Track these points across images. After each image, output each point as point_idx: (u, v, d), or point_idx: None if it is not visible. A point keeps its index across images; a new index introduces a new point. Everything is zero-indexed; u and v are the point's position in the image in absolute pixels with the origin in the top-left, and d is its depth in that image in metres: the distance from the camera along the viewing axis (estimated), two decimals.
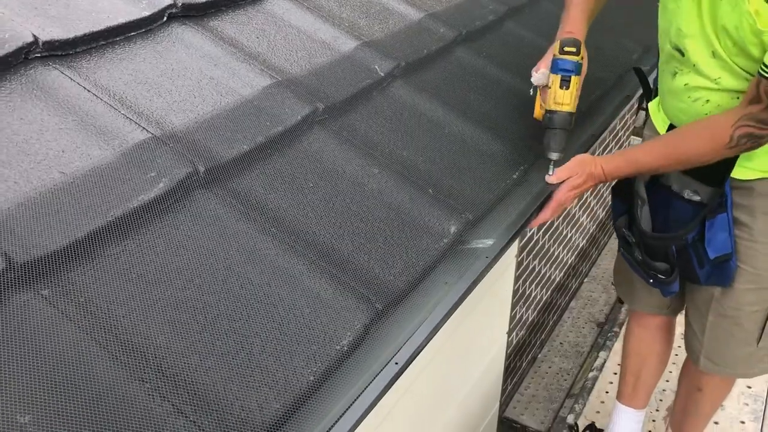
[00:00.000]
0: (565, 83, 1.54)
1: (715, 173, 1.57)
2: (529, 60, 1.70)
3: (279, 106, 1.52)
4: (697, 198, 1.65)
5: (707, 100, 1.52)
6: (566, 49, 1.54)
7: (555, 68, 1.56)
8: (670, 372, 2.26)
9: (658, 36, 1.65)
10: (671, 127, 1.69)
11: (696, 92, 1.53)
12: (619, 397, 2.31)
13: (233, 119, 1.45)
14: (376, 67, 1.76)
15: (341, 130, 1.56)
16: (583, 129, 1.91)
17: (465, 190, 1.54)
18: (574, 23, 1.65)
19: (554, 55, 1.57)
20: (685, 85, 1.55)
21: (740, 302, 1.71)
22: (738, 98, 1.47)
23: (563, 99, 1.55)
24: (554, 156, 1.58)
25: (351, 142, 1.54)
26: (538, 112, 1.73)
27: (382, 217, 1.40)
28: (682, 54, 1.52)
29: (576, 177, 1.56)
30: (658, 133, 1.76)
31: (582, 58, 1.57)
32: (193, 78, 1.52)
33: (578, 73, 1.56)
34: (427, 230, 1.41)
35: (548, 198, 1.57)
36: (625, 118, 3.65)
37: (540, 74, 1.61)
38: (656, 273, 1.72)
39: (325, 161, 1.47)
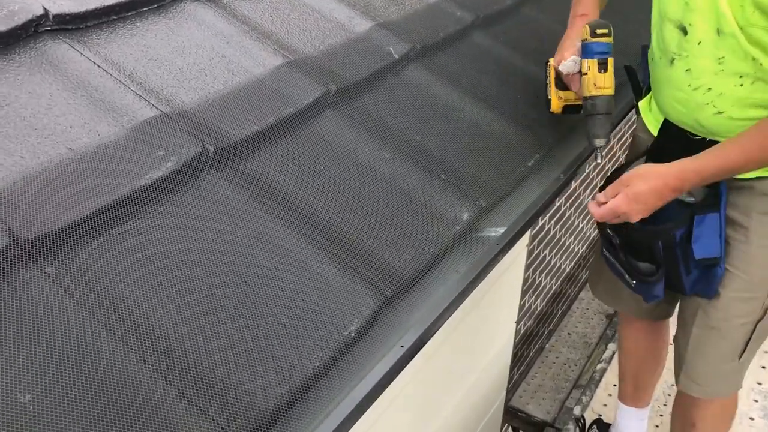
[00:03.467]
0: (603, 66, 1.49)
1: None
2: (547, 46, 1.66)
3: (291, 87, 1.49)
4: (690, 199, 1.55)
5: (709, 89, 1.44)
6: (598, 31, 1.49)
7: (590, 53, 1.51)
8: None
9: (652, 23, 1.58)
10: (665, 123, 1.61)
11: (697, 79, 1.46)
12: (621, 397, 2.27)
13: (244, 99, 1.42)
14: (391, 49, 1.73)
15: (354, 113, 1.53)
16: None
17: (479, 177, 1.51)
18: (587, 6, 1.61)
19: (585, 40, 1.52)
20: (687, 71, 1.47)
21: (729, 313, 1.60)
22: (741, 85, 1.40)
23: (604, 82, 1.50)
24: (600, 143, 1.54)
25: (363, 126, 1.51)
26: (556, 105, 1.66)
27: (393, 202, 1.38)
28: (686, 32, 1.44)
29: (632, 187, 1.43)
30: (650, 134, 1.67)
31: (612, 39, 1.53)
32: (205, 56, 1.49)
33: (613, 54, 1.51)
34: (439, 216, 1.38)
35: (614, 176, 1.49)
36: None
37: (570, 62, 1.56)
38: (640, 275, 1.62)
39: (336, 144, 1.44)
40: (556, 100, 1.66)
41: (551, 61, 1.68)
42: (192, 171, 1.25)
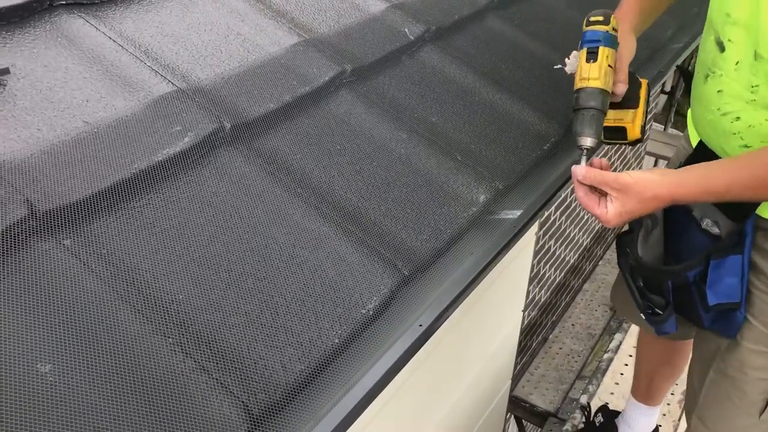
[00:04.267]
0: (592, 56, 1.31)
1: (741, 206, 1.34)
2: (561, 30, 1.64)
3: (306, 66, 1.48)
4: (716, 230, 1.40)
5: (737, 117, 1.28)
6: (592, 19, 1.34)
7: (582, 42, 1.35)
8: None
9: (704, 26, 1.39)
10: (701, 144, 1.44)
11: (727, 104, 1.29)
12: (634, 393, 2.22)
13: (260, 76, 1.41)
14: (406, 30, 1.72)
15: (369, 93, 1.52)
16: None
17: (494, 159, 1.50)
18: (624, 11, 1.43)
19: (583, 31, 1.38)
20: (718, 92, 1.30)
21: (745, 364, 1.44)
22: None
23: (590, 73, 1.31)
24: (587, 142, 1.31)
25: (379, 106, 1.50)
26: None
27: (409, 182, 1.37)
28: (723, 49, 1.27)
29: (622, 204, 1.23)
30: (691, 145, 1.51)
31: (613, 30, 1.35)
32: (220, 33, 1.48)
33: (609, 45, 1.33)
34: (455, 198, 1.37)
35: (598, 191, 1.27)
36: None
37: (572, 58, 1.39)
38: (652, 306, 1.48)
39: (352, 124, 1.43)
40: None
41: None
42: (209, 147, 1.24)
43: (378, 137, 1.42)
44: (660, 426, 2.31)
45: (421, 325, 1.11)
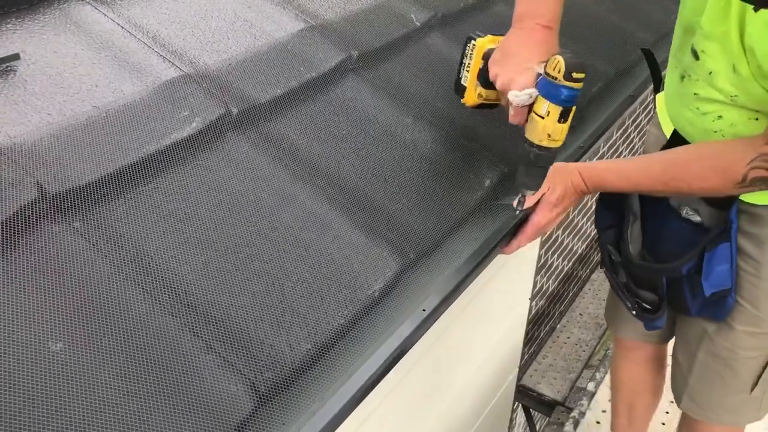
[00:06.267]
0: (564, 116, 1.21)
1: None
2: (568, 17, 1.62)
3: (313, 52, 1.49)
4: (696, 219, 1.42)
5: (719, 116, 1.27)
6: (575, 75, 1.17)
7: (555, 97, 1.19)
8: None
9: (677, 21, 1.38)
10: (675, 133, 1.44)
11: (707, 105, 1.28)
12: (614, 430, 2.15)
13: (267, 62, 1.42)
14: (413, 16, 1.72)
15: (375, 79, 1.53)
16: (618, 92, 1.85)
17: (501, 143, 1.50)
18: (551, 12, 1.29)
19: (553, 78, 1.17)
20: (695, 94, 1.30)
21: (736, 345, 1.48)
22: (757, 119, 1.22)
23: (561, 134, 1.23)
24: (530, 194, 1.33)
25: (385, 92, 1.50)
26: (472, 99, 1.39)
27: (415, 167, 1.37)
28: (697, 58, 1.26)
29: (551, 192, 1.31)
30: (663, 133, 1.50)
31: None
32: (227, 19, 1.49)
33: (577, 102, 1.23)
34: (461, 182, 1.38)
35: (525, 221, 1.34)
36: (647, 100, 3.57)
37: (525, 95, 1.22)
38: (641, 302, 1.50)
39: (358, 109, 1.44)
40: (474, 96, 1.39)
41: (477, 42, 1.37)
42: (216, 132, 1.25)
43: (384, 122, 1.43)
44: None
45: (424, 310, 1.12)
